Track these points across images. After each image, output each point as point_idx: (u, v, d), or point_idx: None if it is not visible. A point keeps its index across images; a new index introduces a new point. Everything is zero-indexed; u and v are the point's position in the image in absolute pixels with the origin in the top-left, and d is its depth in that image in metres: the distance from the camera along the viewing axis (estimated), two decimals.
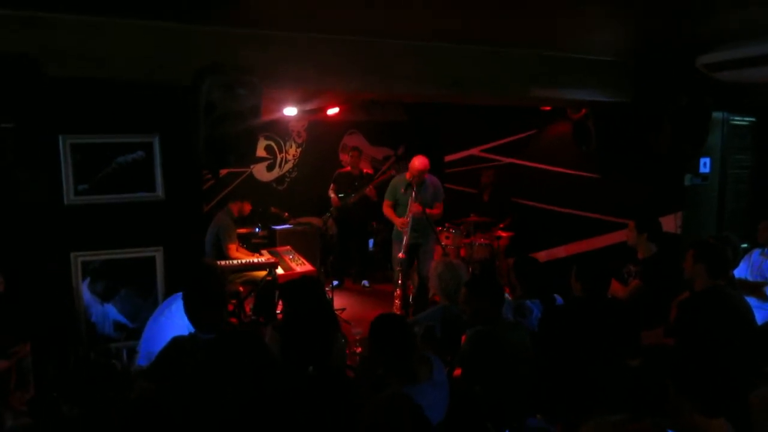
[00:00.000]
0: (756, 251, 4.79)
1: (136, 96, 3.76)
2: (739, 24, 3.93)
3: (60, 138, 3.61)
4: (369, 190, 7.28)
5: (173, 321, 3.09)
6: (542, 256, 7.07)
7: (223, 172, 7.46)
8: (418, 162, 5.78)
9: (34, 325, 3.35)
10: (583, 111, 5.88)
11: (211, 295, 2.61)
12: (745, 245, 5.20)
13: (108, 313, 3.76)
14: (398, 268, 5.90)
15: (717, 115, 5.39)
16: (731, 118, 5.57)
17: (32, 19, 3.31)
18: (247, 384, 2.47)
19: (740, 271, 4.75)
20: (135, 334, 3.68)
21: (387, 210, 6.11)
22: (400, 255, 5.78)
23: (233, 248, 5.85)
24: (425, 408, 2.09)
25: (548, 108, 6.68)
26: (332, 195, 7.61)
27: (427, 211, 5.75)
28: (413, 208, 5.70)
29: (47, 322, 3.52)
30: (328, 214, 7.18)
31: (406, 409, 2.02)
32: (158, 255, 3.87)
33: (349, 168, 7.74)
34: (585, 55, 4.87)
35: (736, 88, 5.04)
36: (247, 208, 6.26)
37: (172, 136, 3.87)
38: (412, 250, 5.87)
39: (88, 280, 3.71)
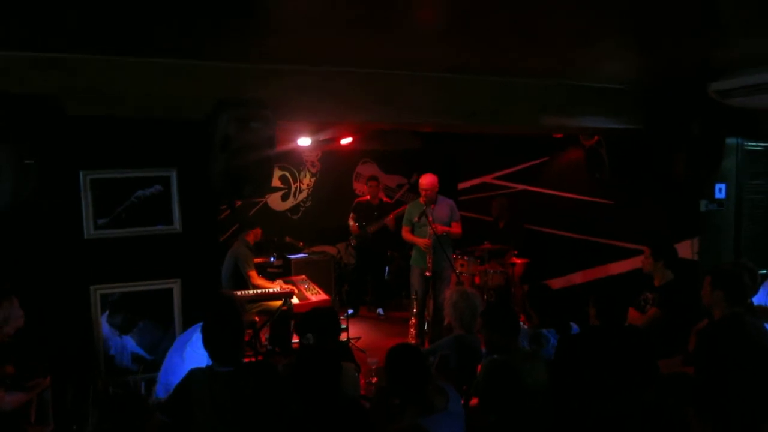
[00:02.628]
0: None
1: (153, 131, 3.85)
2: (750, 52, 3.95)
3: (80, 174, 3.69)
4: (388, 220, 7.33)
5: (195, 351, 3.11)
6: (557, 283, 7.02)
7: (238, 203, 7.54)
8: (425, 180, 5.90)
9: (54, 359, 3.39)
10: (596, 138, 5.90)
11: (229, 327, 2.63)
12: (763, 272, 5.14)
13: (126, 346, 3.80)
14: (414, 296, 5.91)
15: (731, 141, 5.37)
16: (745, 143, 5.54)
17: (53, 60, 3.42)
18: (264, 417, 2.47)
19: (759, 298, 4.68)
20: (153, 366, 3.70)
21: (407, 235, 6.15)
22: (427, 273, 5.82)
23: (254, 275, 5.92)
24: None
25: (560, 135, 6.70)
26: (352, 223, 7.67)
27: (447, 229, 5.85)
28: (436, 228, 5.73)
29: (67, 355, 3.57)
30: (347, 244, 7.20)
31: None
32: (176, 287, 3.91)
33: (368, 197, 7.82)
34: (598, 83, 4.90)
35: (749, 114, 5.04)
36: (259, 232, 6.39)
37: (189, 170, 3.95)
38: (430, 276, 5.88)
39: (107, 312, 3.76)
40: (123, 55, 3.56)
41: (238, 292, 5.53)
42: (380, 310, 7.80)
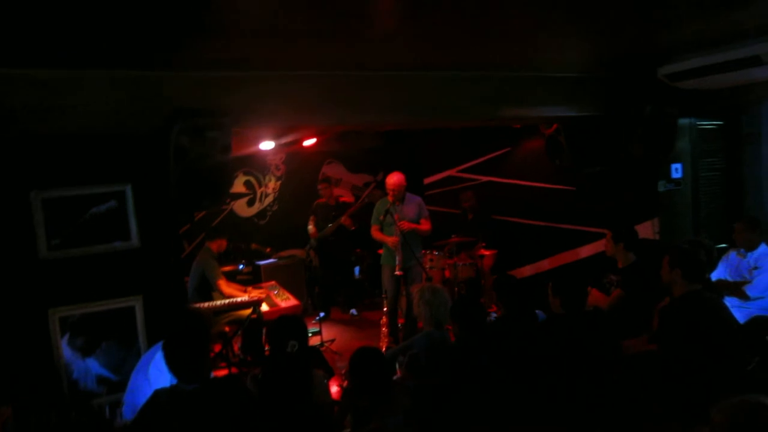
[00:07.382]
0: (733, 252, 4.84)
1: (105, 146, 3.76)
2: (693, 36, 4.03)
3: (31, 193, 3.58)
4: (344, 220, 7.31)
5: (159, 370, 3.04)
6: (527, 270, 7.11)
7: (198, 215, 7.44)
8: (391, 179, 5.90)
9: (14, 387, 3.29)
10: (555, 126, 5.96)
11: (191, 343, 2.54)
12: (722, 246, 5.26)
13: (90, 368, 3.70)
14: (384, 296, 5.90)
15: (684, 121, 5.48)
16: (698, 123, 5.66)
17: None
18: None
19: (719, 272, 4.79)
20: (119, 387, 3.62)
21: (375, 233, 6.12)
22: (397, 272, 5.82)
23: (223, 284, 5.79)
24: None
25: (519, 126, 6.76)
26: (311, 227, 7.63)
27: (414, 226, 5.84)
28: (402, 225, 5.74)
29: (27, 382, 3.46)
30: (308, 247, 7.18)
31: None
32: (138, 304, 3.82)
33: (324, 199, 7.78)
34: (555, 73, 4.93)
35: (699, 94, 5.15)
36: (224, 244, 6.14)
37: (144, 184, 3.86)
38: (400, 275, 5.88)
39: (67, 335, 3.65)
40: (73, 68, 3.44)
41: (205, 304, 5.44)
42: (353, 311, 7.77)
